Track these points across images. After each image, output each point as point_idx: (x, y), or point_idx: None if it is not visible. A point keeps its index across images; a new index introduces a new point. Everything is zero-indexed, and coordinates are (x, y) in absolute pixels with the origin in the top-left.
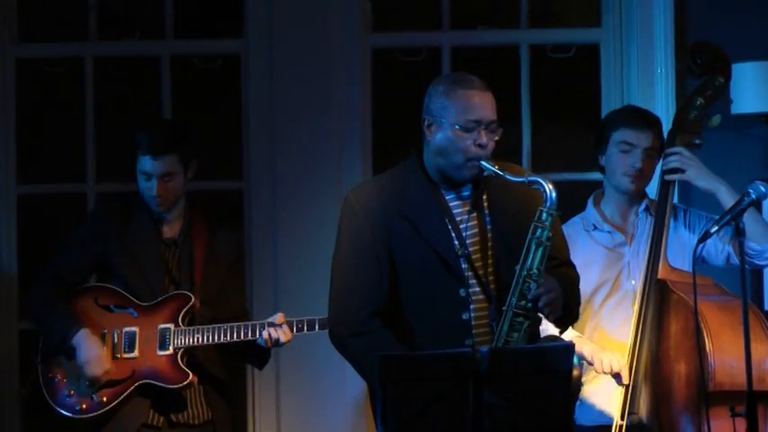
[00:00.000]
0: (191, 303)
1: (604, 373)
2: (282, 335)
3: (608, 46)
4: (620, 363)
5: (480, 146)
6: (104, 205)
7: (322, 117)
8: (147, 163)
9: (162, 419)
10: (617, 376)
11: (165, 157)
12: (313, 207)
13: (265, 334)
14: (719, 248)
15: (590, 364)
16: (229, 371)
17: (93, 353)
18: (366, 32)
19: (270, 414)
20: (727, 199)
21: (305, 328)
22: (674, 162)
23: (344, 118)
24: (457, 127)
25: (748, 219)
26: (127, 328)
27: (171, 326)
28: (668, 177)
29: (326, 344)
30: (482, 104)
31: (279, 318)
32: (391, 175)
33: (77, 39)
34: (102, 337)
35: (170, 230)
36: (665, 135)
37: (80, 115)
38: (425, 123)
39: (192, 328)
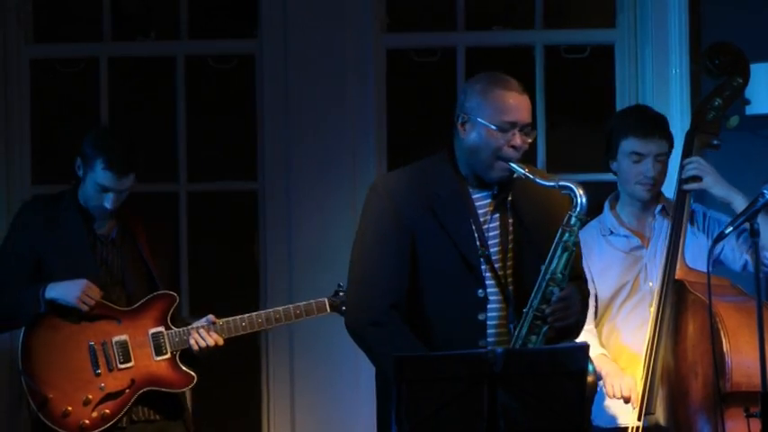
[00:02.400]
0: (176, 303)
1: (614, 397)
2: (212, 340)
3: (623, 47)
4: (630, 387)
5: (514, 147)
6: (29, 207)
7: (336, 117)
8: (108, 179)
9: (125, 418)
10: (627, 401)
11: (128, 176)
12: (327, 207)
13: (192, 341)
14: (737, 256)
15: (603, 386)
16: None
17: (73, 283)
18: (381, 33)
19: (284, 411)
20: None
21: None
22: (691, 170)
23: (359, 118)
24: (492, 127)
25: (764, 226)
26: (116, 338)
27: (162, 329)
28: (686, 187)
29: (341, 342)
30: (518, 107)
31: (212, 317)
32: (421, 167)
33: (92, 39)
34: (89, 350)
35: (103, 228)
36: (683, 135)
37: (94, 116)
38: (459, 121)
39: (185, 328)
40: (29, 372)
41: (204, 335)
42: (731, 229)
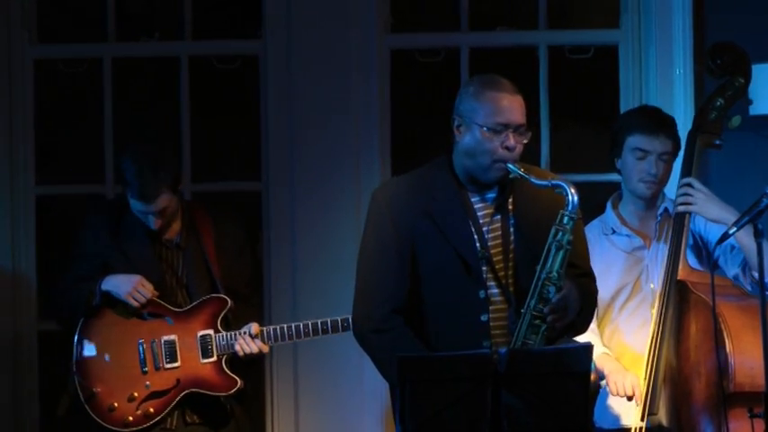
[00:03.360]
0: (228, 307)
1: (618, 395)
2: (255, 347)
3: (626, 47)
4: (634, 384)
5: (507, 148)
6: (98, 210)
7: (340, 117)
8: (141, 206)
9: (176, 421)
10: (631, 399)
11: (157, 199)
12: (331, 208)
13: (237, 347)
14: (729, 269)
15: (606, 384)
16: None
17: (128, 277)
18: (385, 33)
19: (288, 415)
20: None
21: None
22: (681, 197)
23: (363, 118)
24: (485, 129)
25: (749, 246)
26: (165, 337)
27: (211, 332)
28: (678, 210)
29: (345, 345)
30: (510, 107)
31: (254, 328)
32: (419, 174)
33: (96, 40)
34: (138, 347)
35: (169, 232)
36: (686, 136)
37: (98, 116)
38: (455, 124)
39: (232, 333)
40: (80, 364)
41: (249, 342)
42: (735, 229)
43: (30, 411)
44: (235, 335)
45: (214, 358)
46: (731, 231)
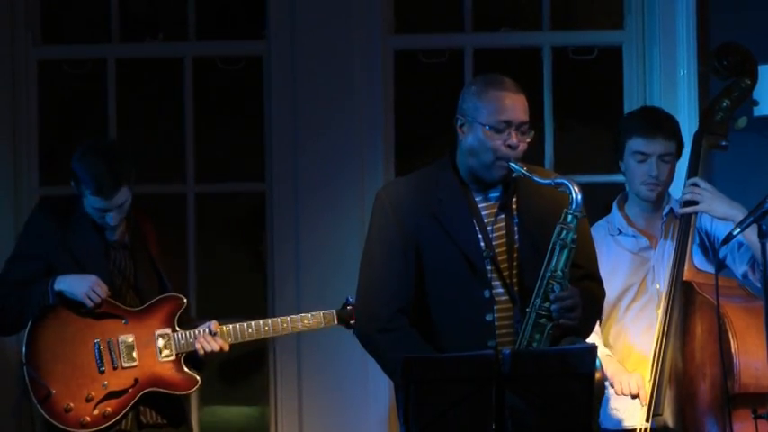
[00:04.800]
0: (184, 306)
1: (623, 395)
2: (216, 345)
3: (630, 48)
4: (639, 383)
5: (510, 146)
6: (42, 211)
7: (344, 118)
8: (99, 202)
9: (132, 422)
10: (636, 397)
11: (118, 192)
12: (335, 208)
13: (198, 345)
14: (737, 267)
15: (611, 385)
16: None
17: (82, 277)
18: (388, 34)
19: (292, 415)
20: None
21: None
22: (687, 195)
23: (366, 119)
24: (487, 127)
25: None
26: (122, 337)
27: (168, 330)
28: (683, 211)
29: (349, 344)
30: (513, 106)
31: (214, 325)
32: (423, 174)
33: (100, 40)
34: (94, 347)
35: (114, 234)
36: (691, 137)
37: (102, 117)
38: (458, 123)
39: (190, 331)
40: (33, 364)
41: (210, 340)
42: (739, 230)
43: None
44: (193, 333)
45: (173, 357)
46: (735, 232)
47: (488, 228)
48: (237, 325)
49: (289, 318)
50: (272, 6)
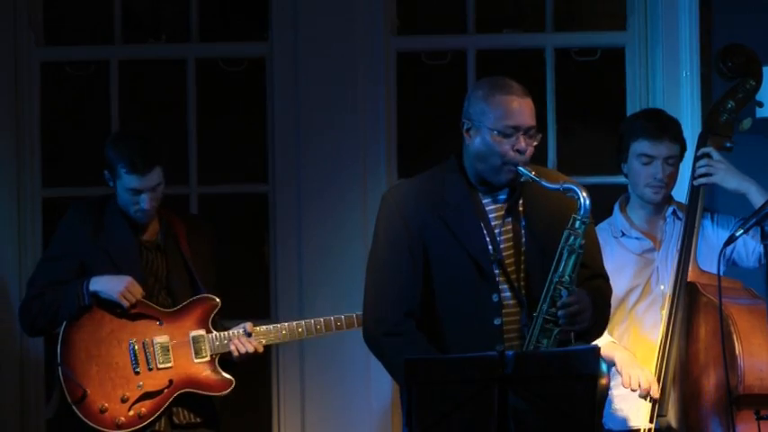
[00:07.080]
0: (218, 307)
1: (631, 389)
2: (251, 347)
3: (633, 49)
4: (650, 379)
5: (518, 151)
6: (77, 211)
7: (347, 120)
8: (135, 181)
9: (165, 422)
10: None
11: (153, 170)
12: (338, 210)
13: (232, 347)
14: (750, 248)
15: (619, 373)
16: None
17: (118, 278)
18: (391, 35)
19: (294, 416)
20: (758, 199)
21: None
22: (701, 168)
23: (369, 121)
24: (495, 132)
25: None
26: (157, 338)
27: (203, 332)
28: (697, 182)
29: (352, 346)
30: (520, 110)
31: (249, 326)
32: (430, 176)
33: (102, 42)
34: (129, 348)
35: (147, 233)
36: (696, 138)
37: (105, 118)
38: (464, 127)
39: (225, 333)
40: (68, 364)
41: (245, 342)
42: (741, 231)
43: (36, 414)
44: (228, 334)
45: (207, 358)
46: (738, 234)
47: (496, 231)
48: (272, 326)
49: (322, 319)
50: (274, 8)
